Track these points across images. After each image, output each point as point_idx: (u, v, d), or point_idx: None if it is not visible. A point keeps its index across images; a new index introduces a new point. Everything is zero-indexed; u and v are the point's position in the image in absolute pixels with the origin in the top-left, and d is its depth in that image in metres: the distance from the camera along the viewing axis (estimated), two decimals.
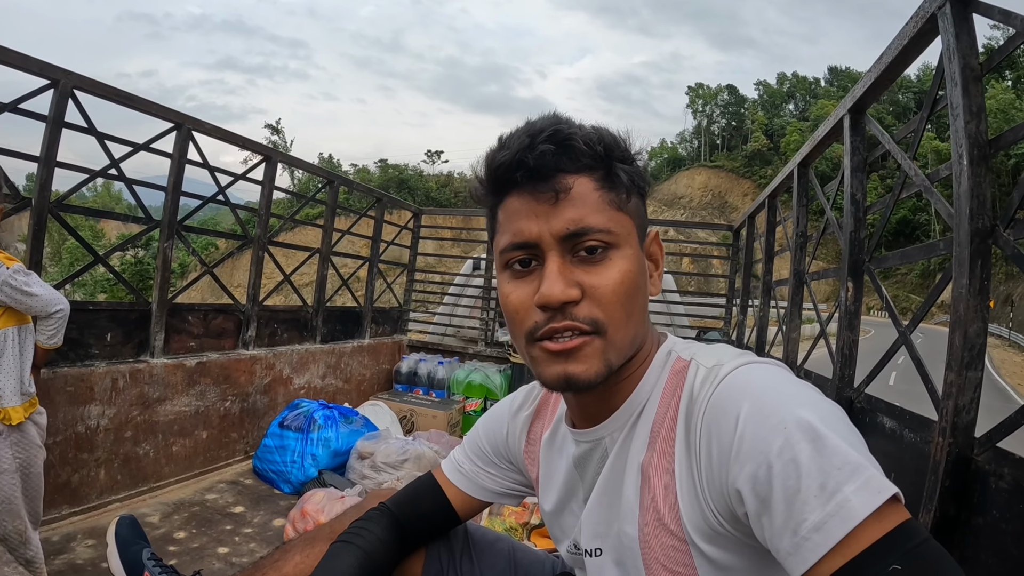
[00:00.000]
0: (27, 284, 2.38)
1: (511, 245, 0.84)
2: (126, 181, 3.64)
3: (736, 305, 6.02)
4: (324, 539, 1.25)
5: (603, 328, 0.80)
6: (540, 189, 0.81)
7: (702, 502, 0.76)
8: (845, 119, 2.84)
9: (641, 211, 0.89)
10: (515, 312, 0.84)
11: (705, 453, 0.75)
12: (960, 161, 1.73)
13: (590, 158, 0.82)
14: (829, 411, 0.69)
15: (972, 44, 1.80)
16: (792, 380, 0.75)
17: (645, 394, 0.89)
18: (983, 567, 1.54)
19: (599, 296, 0.80)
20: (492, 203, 0.88)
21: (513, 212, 0.84)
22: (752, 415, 0.69)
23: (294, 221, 5.27)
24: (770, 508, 0.64)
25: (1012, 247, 1.59)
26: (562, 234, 0.80)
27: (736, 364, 0.79)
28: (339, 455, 4.09)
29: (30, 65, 2.96)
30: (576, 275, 0.80)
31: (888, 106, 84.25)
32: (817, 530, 0.60)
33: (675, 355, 0.90)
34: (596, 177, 0.82)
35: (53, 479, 3.02)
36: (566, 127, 0.82)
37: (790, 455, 0.64)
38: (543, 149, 0.80)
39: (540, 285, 0.80)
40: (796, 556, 0.61)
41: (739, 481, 0.68)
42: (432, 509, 1.24)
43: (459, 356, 6.60)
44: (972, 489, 1.64)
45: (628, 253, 0.83)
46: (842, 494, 0.60)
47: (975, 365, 1.67)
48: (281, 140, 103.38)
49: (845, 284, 2.72)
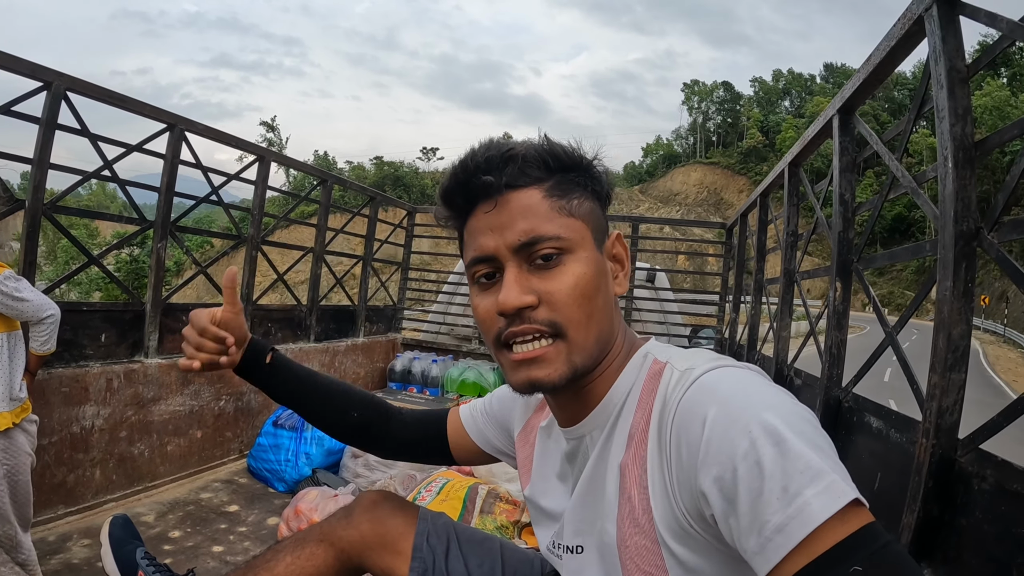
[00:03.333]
0: (17, 290, 2.38)
1: (473, 260, 0.90)
2: (119, 182, 3.65)
3: (729, 303, 6.04)
4: (314, 540, 1.29)
5: (562, 330, 0.85)
6: (492, 207, 0.88)
7: (673, 503, 0.77)
8: (834, 119, 2.85)
9: (597, 214, 0.93)
10: (482, 321, 0.91)
11: (675, 455, 0.76)
12: (946, 163, 1.74)
13: (537, 170, 0.88)
14: (796, 415, 0.70)
15: (959, 46, 1.80)
16: (762, 384, 0.76)
17: (622, 394, 0.91)
18: (966, 568, 1.55)
19: (555, 301, 0.85)
20: (457, 225, 0.97)
21: (473, 230, 0.91)
22: (718, 419, 0.71)
23: (288, 220, 5.27)
24: (736, 510, 0.66)
25: (996, 250, 1.60)
26: (515, 245, 0.86)
27: (707, 368, 0.80)
28: (333, 454, 4.10)
29: (22, 67, 2.95)
30: (532, 282, 0.86)
31: (883, 103, 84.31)
32: (779, 531, 0.61)
33: (651, 357, 0.92)
34: (544, 188, 0.88)
35: (49, 479, 3.04)
36: (505, 146, 0.89)
37: (754, 458, 0.65)
38: (484, 174, 0.87)
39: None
40: (761, 556, 0.63)
41: (706, 484, 0.70)
42: (430, 433, 1.36)
43: (453, 354, 6.61)
44: (955, 490, 1.65)
45: (583, 256, 0.88)
46: (803, 497, 0.61)
47: (959, 367, 1.68)
48: (276, 137, 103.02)
49: (834, 284, 2.74)
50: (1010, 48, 1.83)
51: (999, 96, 56.61)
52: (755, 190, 4.88)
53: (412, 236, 7.17)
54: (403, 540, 1.29)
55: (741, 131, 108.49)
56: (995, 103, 54.86)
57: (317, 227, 5.53)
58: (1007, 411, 1.52)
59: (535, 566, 1.33)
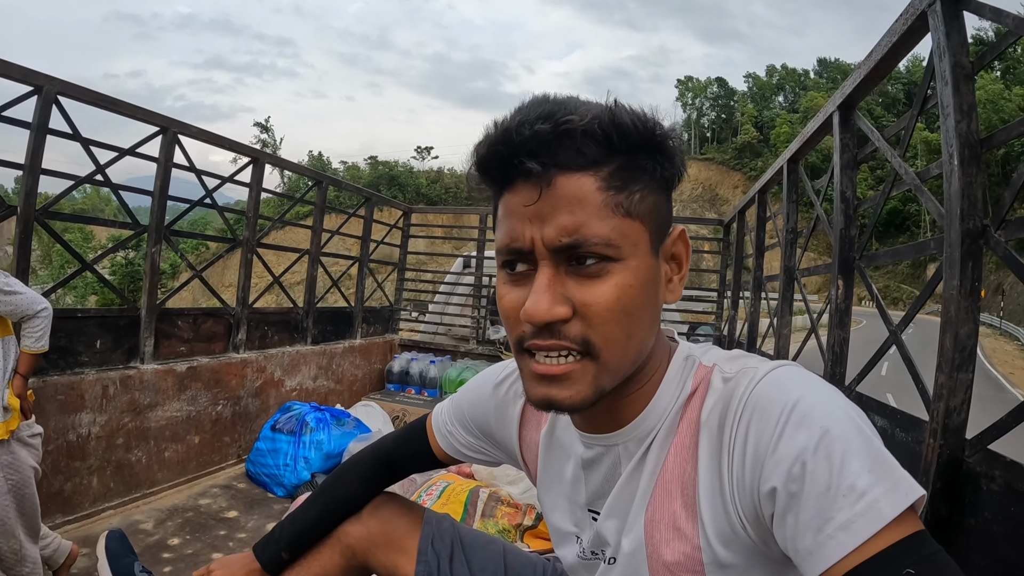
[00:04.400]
0: (8, 284, 2.33)
1: (505, 248, 0.75)
2: (113, 187, 3.62)
3: (727, 298, 6.02)
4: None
5: (595, 351, 0.73)
6: (535, 197, 0.71)
7: (729, 505, 0.75)
8: (834, 116, 2.83)
9: (661, 209, 0.77)
10: (506, 317, 0.77)
11: (740, 451, 0.73)
12: (951, 161, 1.72)
13: (595, 149, 0.70)
14: (859, 412, 0.70)
15: (963, 42, 1.78)
16: (825, 382, 0.75)
17: (666, 403, 0.84)
18: (975, 568, 1.54)
19: (591, 315, 0.71)
20: (492, 193, 0.79)
21: (509, 211, 0.75)
22: (793, 412, 0.69)
23: (283, 222, 5.24)
24: (798, 505, 0.64)
25: (1003, 248, 1.58)
26: (555, 245, 0.71)
27: (773, 365, 0.78)
28: (331, 457, 4.07)
29: (13, 72, 2.92)
30: (568, 288, 0.72)
31: (877, 97, 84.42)
32: (844, 529, 0.60)
33: (695, 361, 0.86)
34: (601, 176, 0.71)
35: (46, 488, 3.00)
36: (560, 114, 0.69)
37: (825, 452, 0.64)
38: (531, 157, 0.70)
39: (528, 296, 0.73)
40: (816, 555, 0.62)
41: (773, 478, 0.68)
42: (416, 453, 1.29)
43: (451, 355, 6.60)
44: (964, 490, 1.63)
45: (633, 265, 0.73)
46: (872, 495, 0.61)
47: (966, 367, 1.67)
48: (270, 138, 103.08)
49: (835, 282, 2.72)
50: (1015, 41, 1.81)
51: (993, 89, 56.76)
52: (753, 186, 4.86)
53: (408, 236, 7.15)
54: (408, 539, 1.28)
55: (735, 127, 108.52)
56: (989, 96, 54.97)
57: (312, 229, 5.50)
58: (1016, 412, 1.51)
59: (538, 569, 1.32)
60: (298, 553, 1.28)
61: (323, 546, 1.28)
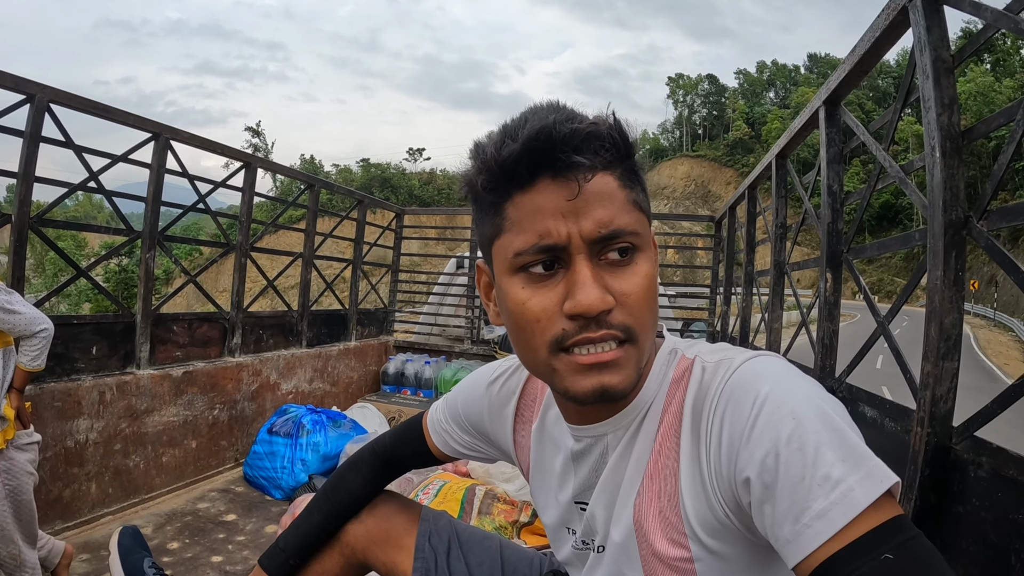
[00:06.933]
0: (9, 303, 2.33)
1: (534, 247, 0.74)
2: (106, 193, 3.62)
3: (720, 294, 6.06)
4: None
5: (635, 335, 0.76)
6: (565, 185, 0.73)
7: (710, 494, 0.77)
8: (820, 111, 2.86)
9: (649, 209, 0.83)
10: (535, 321, 0.76)
11: (715, 441, 0.76)
12: (933, 153, 1.74)
13: (611, 152, 0.75)
14: (834, 402, 0.71)
15: (943, 36, 1.81)
16: (801, 373, 0.76)
17: (651, 393, 0.87)
18: (963, 554, 1.56)
19: (631, 303, 0.75)
20: (495, 200, 0.78)
21: (533, 210, 0.74)
22: (765, 402, 0.71)
23: (276, 226, 5.25)
24: (774, 495, 0.66)
25: (986, 238, 1.61)
26: (594, 236, 0.73)
27: (749, 356, 0.80)
28: (328, 459, 4.09)
29: (4, 80, 2.93)
30: (606, 280, 0.75)
31: (868, 91, 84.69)
32: (820, 517, 0.62)
33: (678, 353, 0.89)
34: (617, 173, 0.76)
35: (45, 495, 3.01)
36: (582, 118, 0.74)
37: (798, 443, 0.65)
38: (575, 152, 0.72)
39: (568, 291, 0.74)
40: (795, 544, 0.63)
41: (748, 467, 0.69)
42: (415, 450, 1.30)
43: (446, 355, 6.60)
44: (951, 478, 1.66)
45: (650, 255, 0.80)
46: (846, 483, 0.62)
47: (951, 355, 1.69)
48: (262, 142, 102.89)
49: (824, 275, 2.75)
50: (993, 36, 1.83)
51: (983, 82, 56.96)
52: (743, 182, 4.88)
53: (401, 238, 7.15)
54: (406, 536, 1.29)
55: (727, 123, 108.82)
56: (979, 89, 55.19)
57: (306, 232, 5.50)
58: (1001, 398, 1.53)
59: (534, 565, 1.33)
60: (307, 558, 1.29)
61: (324, 546, 1.30)
